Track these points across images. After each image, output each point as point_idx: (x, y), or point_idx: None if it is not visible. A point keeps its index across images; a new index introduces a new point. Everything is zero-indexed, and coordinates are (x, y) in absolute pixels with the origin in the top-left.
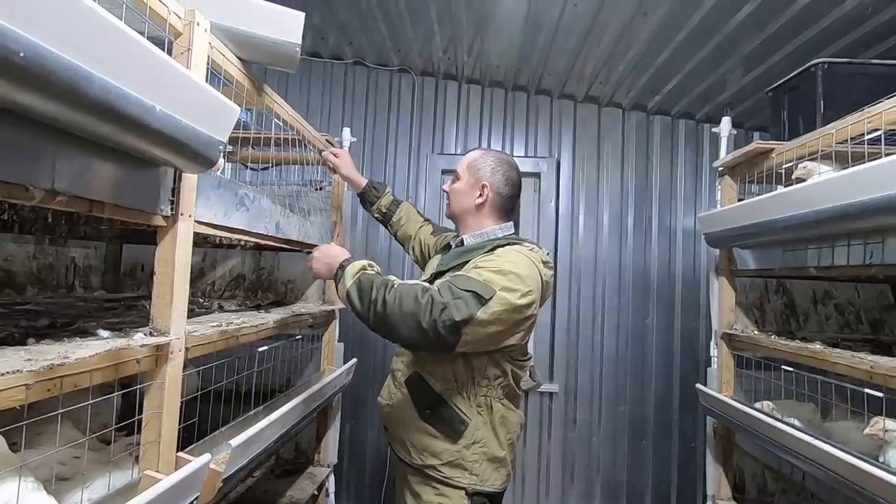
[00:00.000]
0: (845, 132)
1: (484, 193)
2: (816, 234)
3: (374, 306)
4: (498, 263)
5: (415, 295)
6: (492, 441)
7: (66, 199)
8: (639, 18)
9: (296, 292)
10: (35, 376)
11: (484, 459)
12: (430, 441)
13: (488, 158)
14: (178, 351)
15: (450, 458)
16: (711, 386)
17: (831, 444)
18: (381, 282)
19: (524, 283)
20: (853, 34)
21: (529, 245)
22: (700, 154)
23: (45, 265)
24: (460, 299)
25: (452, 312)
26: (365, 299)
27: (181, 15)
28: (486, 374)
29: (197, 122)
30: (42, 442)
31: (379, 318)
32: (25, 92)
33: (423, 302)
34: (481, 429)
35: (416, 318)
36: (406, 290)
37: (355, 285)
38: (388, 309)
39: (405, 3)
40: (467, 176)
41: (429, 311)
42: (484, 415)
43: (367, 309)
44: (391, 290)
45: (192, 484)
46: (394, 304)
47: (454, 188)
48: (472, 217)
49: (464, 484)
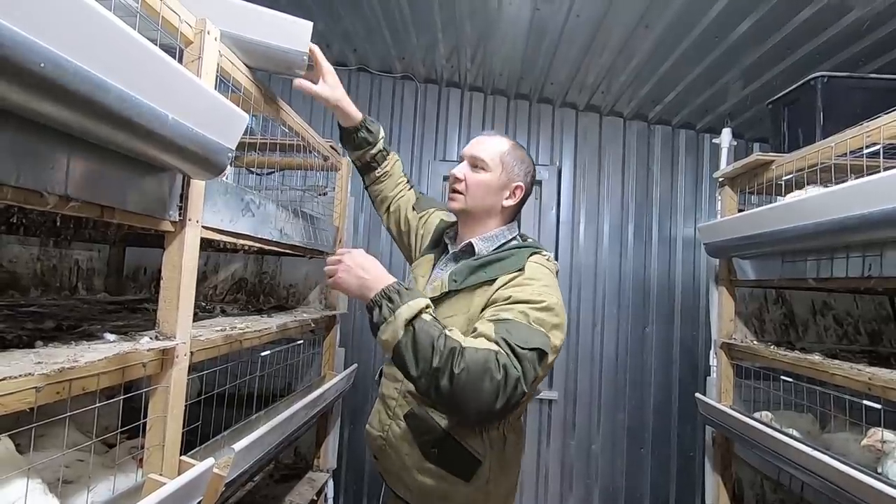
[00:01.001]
0: (844, 146)
1: (516, 196)
2: (816, 245)
3: (438, 377)
4: (536, 291)
5: (488, 369)
6: (503, 478)
7: (79, 205)
8: (641, 30)
9: (297, 297)
10: (45, 379)
11: (500, 494)
12: (437, 484)
13: (520, 153)
14: (184, 355)
15: (462, 501)
16: (710, 395)
17: (830, 455)
18: (447, 344)
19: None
20: (852, 48)
21: (545, 253)
22: (700, 164)
23: (48, 267)
24: (528, 362)
25: (523, 384)
26: (422, 363)
27: (192, 24)
28: None
29: (207, 129)
30: (46, 445)
31: (442, 392)
32: (45, 101)
33: (499, 378)
34: (495, 463)
35: (490, 403)
36: (476, 362)
37: (410, 337)
38: (457, 387)
39: (410, 11)
40: (499, 171)
41: (505, 388)
42: (496, 449)
43: (425, 376)
44: (460, 359)
45: (195, 488)
46: (465, 383)
47: (481, 181)
48: (488, 217)
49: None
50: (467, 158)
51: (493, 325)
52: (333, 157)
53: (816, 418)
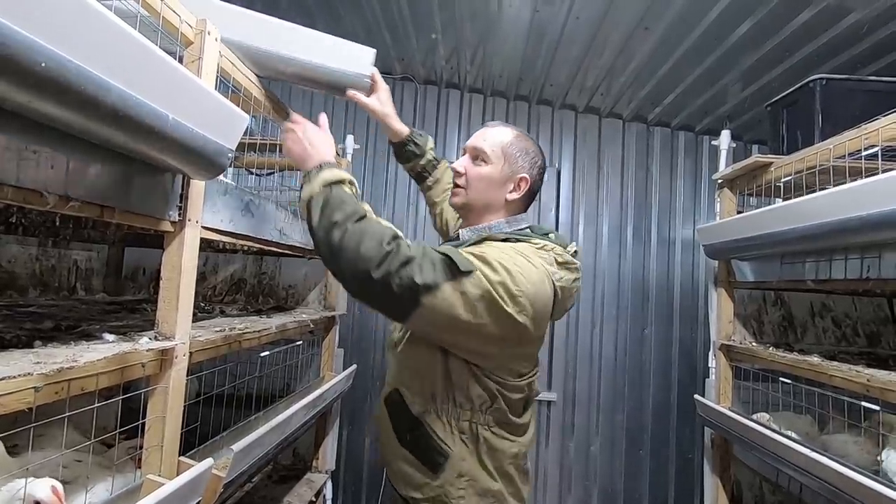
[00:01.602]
0: (843, 148)
1: (521, 188)
2: (815, 247)
3: (332, 230)
4: (483, 249)
5: (381, 238)
6: (480, 474)
7: (79, 205)
8: (640, 31)
9: (296, 297)
10: (44, 379)
11: (472, 494)
12: (410, 471)
13: (524, 143)
14: (183, 355)
15: (432, 494)
16: (709, 397)
17: (829, 457)
18: (353, 208)
19: (516, 283)
20: (851, 51)
21: (540, 242)
22: (699, 166)
23: (47, 267)
24: (430, 261)
25: (414, 271)
26: (325, 217)
27: (193, 24)
28: (469, 395)
29: (207, 129)
30: (43, 445)
31: (332, 244)
32: (46, 100)
33: (387, 249)
34: (467, 460)
35: (369, 264)
36: (374, 229)
37: (322, 196)
38: (345, 241)
39: (409, 13)
40: (501, 162)
41: (387, 260)
42: (469, 444)
43: (322, 229)
44: (359, 221)
45: (194, 489)
46: (353, 238)
47: (482, 174)
48: (491, 212)
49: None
50: (468, 150)
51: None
52: None
53: (815, 420)
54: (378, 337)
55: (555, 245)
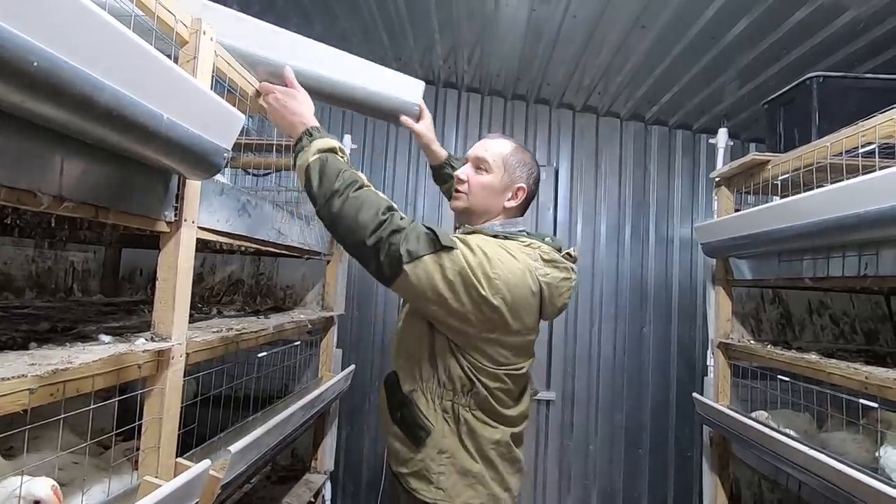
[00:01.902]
0: (840, 145)
1: (518, 197)
2: (812, 245)
3: (333, 198)
4: (467, 237)
5: (377, 208)
6: (460, 452)
7: (73, 206)
8: (637, 30)
9: (294, 298)
10: (39, 381)
11: (453, 472)
12: (399, 447)
13: (522, 156)
14: (180, 356)
15: (415, 468)
16: (708, 395)
17: (827, 455)
18: (350, 176)
19: (492, 267)
20: (847, 49)
21: (525, 240)
22: (697, 164)
23: (43, 269)
24: (416, 233)
25: (401, 240)
26: (325, 185)
27: (188, 24)
28: (450, 376)
29: (202, 129)
30: (39, 447)
31: (332, 211)
32: (38, 100)
33: (381, 219)
34: (448, 437)
35: (364, 232)
36: (371, 199)
37: (319, 163)
38: (345, 209)
39: (407, 13)
40: (501, 172)
41: (379, 229)
42: (450, 423)
43: (323, 196)
44: (357, 189)
45: (191, 490)
46: (352, 206)
47: (484, 182)
48: (489, 217)
49: (429, 499)
50: (471, 160)
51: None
52: None
53: (814, 417)
54: (376, 337)
55: (541, 244)
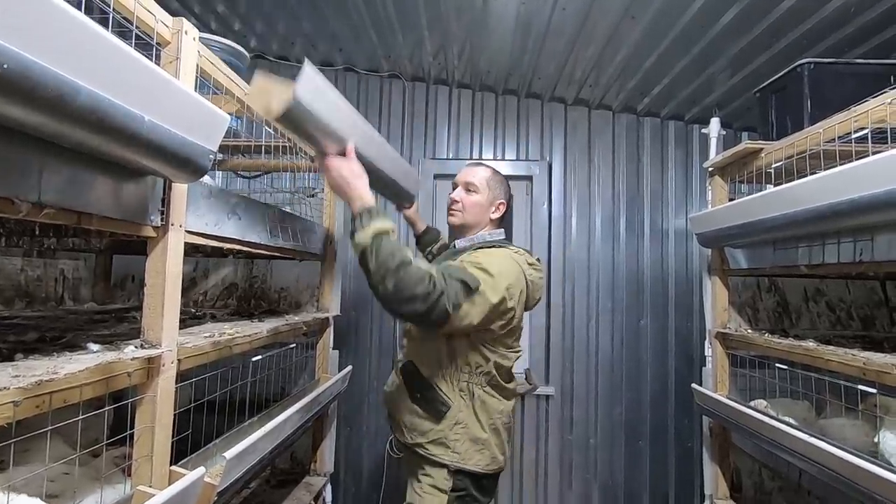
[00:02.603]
0: (832, 131)
1: (500, 210)
2: (807, 232)
3: (387, 277)
4: (480, 259)
5: (423, 279)
6: (473, 423)
7: (54, 212)
8: (627, 21)
9: (289, 300)
10: (23, 393)
11: (466, 439)
12: (418, 421)
13: (499, 178)
14: (171, 363)
15: (434, 437)
16: (706, 385)
17: (826, 441)
18: (401, 256)
19: (504, 280)
20: (837, 34)
21: (515, 249)
22: (690, 155)
23: (33, 278)
24: (454, 290)
25: (446, 301)
26: (380, 261)
27: (169, 24)
28: (467, 361)
29: (186, 131)
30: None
31: (387, 289)
32: (10, 104)
33: (429, 289)
34: (463, 411)
35: (416, 303)
36: (418, 274)
37: (375, 245)
38: (398, 286)
39: (395, 10)
40: (487, 192)
41: (429, 297)
42: (466, 399)
43: (378, 275)
44: (405, 267)
45: (186, 499)
46: (403, 283)
47: (475, 201)
48: (479, 228)
49: (446, 461)
50: (461, 185)
51: (440, 266)
52: None
53: (812, 405)
54: (373, 337)
55: (524, 252)
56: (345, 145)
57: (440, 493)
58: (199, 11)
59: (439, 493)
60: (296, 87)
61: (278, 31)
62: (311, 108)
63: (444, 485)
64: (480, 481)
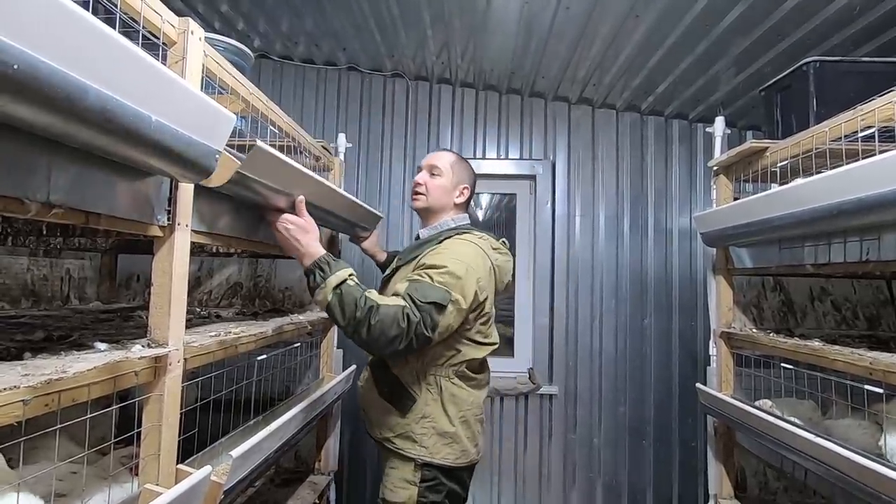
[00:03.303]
0: (839, 130)
1: (464, 195)
2: (813, 231)
3: (359, 328)
4: (444, 261)
5: (395, 320)
6: (440, 417)
7: (62, 212)
8: (630, 20)
9: (293, 300)
10: (32, 392)
11: (433, 433)
12: (385, 416)
13: (464, 163)
14: (177, 362)
15: (401, 431)
16: (711, 385)
17: (833, 441)
18: (366, 304)
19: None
20: (843, 33)
21: (479, 234)
22: (694, 154)
23: (39, 277)
24: (427, 314)
25: (424, 330)
26: (348, 316)
27: (175, 24)
28: (434, 355)
29: (193, 131)
30: (38, 457)
31: (362, 338)
32: (20, 104)
33: (403, 327)
34: (430, 405)
35: (395, 343)
36: (389, 315)
37: (337, 298)
38: (373, 333)
39: (398, 10)
40: (451, 176)
41: (406, 334)
42: (433, 392)
43: (349, 325)
44: (375, 314)
45: (193, 497)
46: (376, 328)
47: (438, 184)
48: (443, 212)
49: (413, 455)
50: (426, 168)
51: (407, 285)
52: (325, 158)
53: (818, 405)
54: None
55: (489, 237)
56: (292, 200)
57: (410, 485)
58: (203, 11)
59: (409, 485)
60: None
61: (282, 30)
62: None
63: (413, 477)
64: (451, 472)
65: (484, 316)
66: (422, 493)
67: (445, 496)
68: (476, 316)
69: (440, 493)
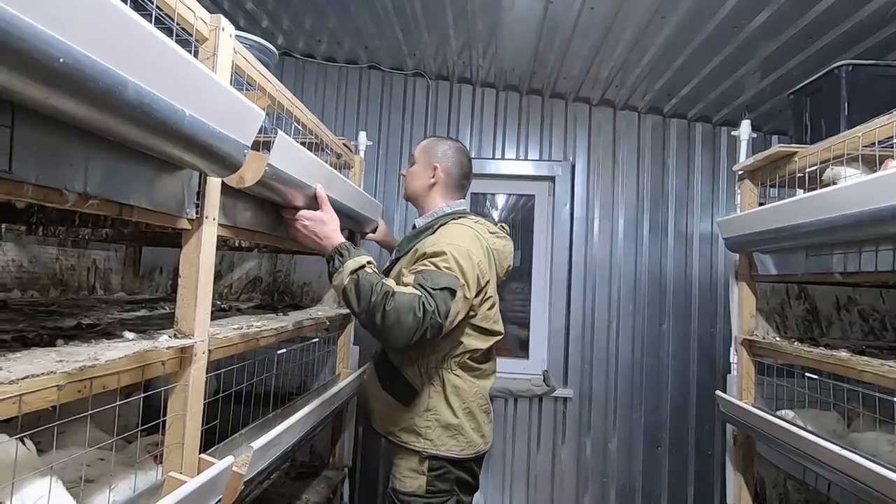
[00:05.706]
0: (873, 135)
1: (436, 174)
2: (843, 238)
3: (374, 314)
4: (444, 249)
5: (412, 308)
6: (444, 409)
7: (98, 203)
8: (656, 21)
9: (311, 295)
10: (67, 377)
11: (437, 426)
12: (388, 409)
13: (440, 143)
14: (202, 353)
15: (404, 425)
16: (731, 393)
17: (861, 455)
18: (381, 289)
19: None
20: (876, 37)
21: (474, 218)
22: (717, 158)
23: (67, 267)
24: (440, 300)
25: (438, 318)
26: (363, 302)
27: (207, 20)
28: (434, 348)
29: (224, 126)
30: (66, 443)
31: (376, 324)
32: (63, 97)
33: (419, 316)
34: (433, 397)
35: (410, 332)
36: (404, 303)
37: (353, 283)
38: (387, 319)
39: (421, 8)
40: (422, 158)
41: (422, 324)
42: (436, 384)
43: (364, 312)
44: (391, 300)
45: (215, 486)
46: (391, 315)
47: (412, 171)
48: (425, 197)
49: (418, 448)
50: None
51: (414, 276)
52: (346, 155)
53: (843, 417)
54: None
55: (484, 220)
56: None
57: (419, 475)
58: (229, 8)
59: (418, 475)
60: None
61: (305, 27)
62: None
63: (421, 467)
64: (459, 462)
65: (489, 300)
66: (430, 482)
67: (454, 483)
68: (481, 300)
69: (448, 482)
